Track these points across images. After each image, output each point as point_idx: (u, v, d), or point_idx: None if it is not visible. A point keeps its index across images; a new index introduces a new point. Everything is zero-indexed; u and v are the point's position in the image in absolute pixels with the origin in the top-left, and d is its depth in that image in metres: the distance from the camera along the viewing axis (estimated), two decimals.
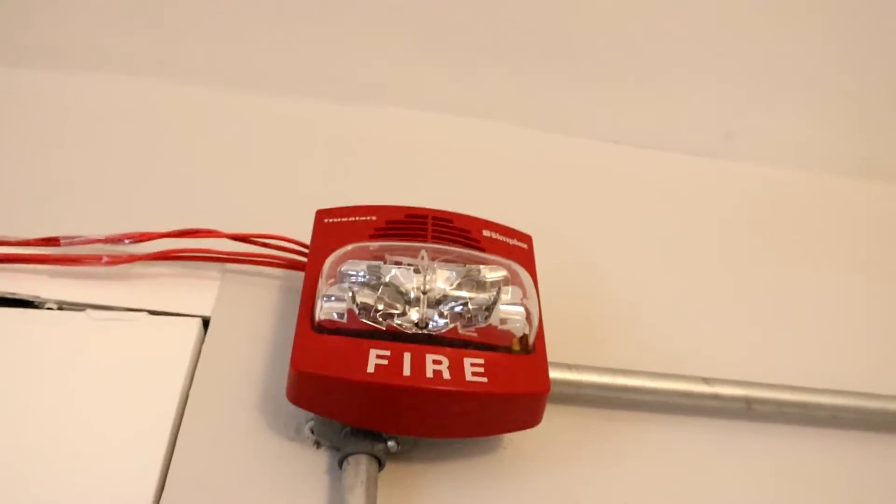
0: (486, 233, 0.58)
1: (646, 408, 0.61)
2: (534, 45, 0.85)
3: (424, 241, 0.55)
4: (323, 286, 0.52)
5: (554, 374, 0.56)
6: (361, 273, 0.52)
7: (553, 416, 0.55)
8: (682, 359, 0.65)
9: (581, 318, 0.67)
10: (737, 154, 0.88)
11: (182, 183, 0.72)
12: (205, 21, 0.83)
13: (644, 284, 0.73)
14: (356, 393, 0.49)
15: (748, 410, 0.61)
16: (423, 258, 0.53)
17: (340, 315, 0.51)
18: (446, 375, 0.49)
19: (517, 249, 0.58)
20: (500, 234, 0.59)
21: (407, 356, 0.49)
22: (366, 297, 0.51)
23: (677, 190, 0.84)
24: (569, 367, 0.59)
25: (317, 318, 0.51)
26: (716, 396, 0.61)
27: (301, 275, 0.58)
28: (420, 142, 0.82)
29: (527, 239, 0.60)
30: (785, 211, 0.85)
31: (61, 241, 0.61)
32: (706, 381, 0.61)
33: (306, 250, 0.60)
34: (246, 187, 0.73)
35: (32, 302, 0.60)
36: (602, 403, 0.60)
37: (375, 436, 0.52)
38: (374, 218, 0.57)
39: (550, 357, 0.55)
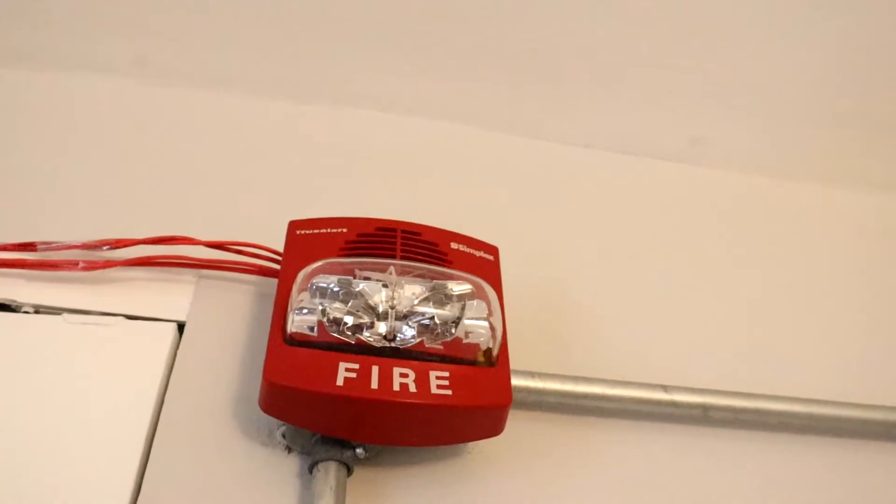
0: (453, 245, 0.60)
1: (607, 414, 0.63)
2: (504, 51, 0.86)
3: (393, 257, 0.57)
4: (294, 299, 0.54)
5: (518, 381, 0.58)
6: (332, 286, 0.54)
7: (517, 422, 0.58)
8: (644, 365, 0.67)
9: (547, 324, 0.69)
10: (702, 159, 0.90)
11: (158, 187, 0.73)
12: (184, 23, 0.83)
13: (609, 289, 0.75)
14: (326, 405, 0.51)
15: (705, 417, 0.64)
16: (391, 273, 0.55)
17: (311, 328, 0.53)
18: (412, 388, 0.51)
19: (483, 262, 0.60)
20: (468, 247, 0.61)
21: (375, 369, 0.51)
22: (336, 310, 0.53)
23: (645, 194, 0.86)
24: (531, 374, 0.61)
25: (288, 331, 0.53)
26: (674, 403, 0.63)
27: (274, 281, 0.60)
28: (390, 145, 0.83)
29: (493, 250, 0.62)
30: (749, 216, 0.87)
31: (38, 247, 0.62)
32: (664, 388, 0.63)
33: (279, 257, 0.62)
34: (219, 192, 0.74)
35: (9, 305, 0.61)
36: (564, 410, 0.62)
37: (344, 443, 0.54)
38: (345, 230, 0.59)
39: (516, 364, 0.57)
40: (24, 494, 0.52)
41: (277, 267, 0.62)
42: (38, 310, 0.62)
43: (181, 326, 0.63)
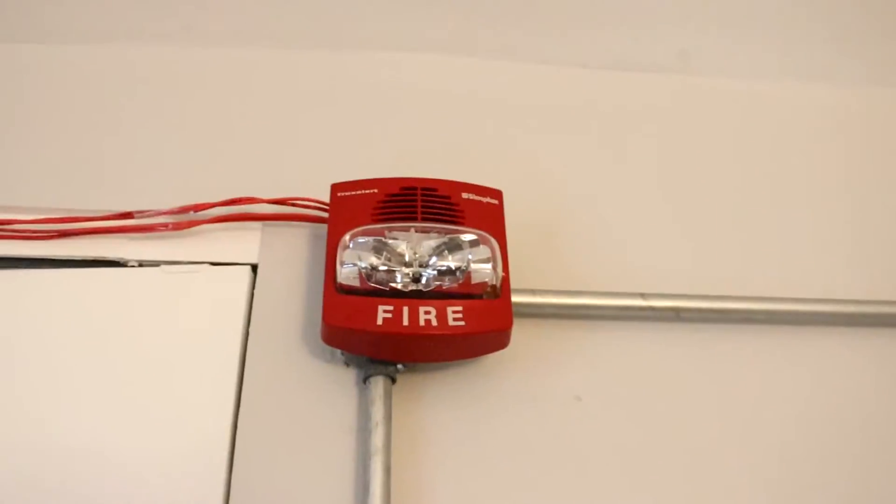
0: (464, 195, 0.75)
1: (595, 318, 0.78)
2: None
3: (415, 215, 0.72)
4: (340, 256, 0.70)
5: (521, 298, 0.74)
6: (369, 244, 0.70)
7: (522, 328, 0.73)
8: (631, 274, 0.82)
9: (547, 242, 0.83)
10: (689, 69, 1.00)
11: (223, 151, 0.87)
12: None
13: (602, 206, 0.88)
14: (370, 338, 0.68)
15: (677, 317, 0.79)
16: (412, 231, 0.70)
17: (355, 278, 0.69)
18: (434, 323, 0.67)
19: (489, 206, 0.75)
20: (476, 195, 0.75)
21: (405, 309, 0.67)
22: (372, 262, 0.69)
23: (634, 108, 0.97)
24: (533, 292, 0.76)
25: (338, 281, 0.69)
26: (651, 308, 0.78)
27: (323, 226, 0.75)
28: (388, 82, 0.94)
29: (497, 195, 0.76)
30: (730, 121, 0.97)
31: (135, 215, 0.78)
32: (643, 296, 0.78)
33: (323, 205, 0.77)
34: (264, 151, 0.88)
35: (118, 262, 0.78)
36: (560, 317, 0.77)
37: (388, 362, 0.70)
38: (375, 191, 0.74)
39: (521, 279, 0.72)
40: (142, 411, 0.69)
41: (324, 214, 0.77)
42: (141, 263, 0.78)
43: (254, 268, 0.78)
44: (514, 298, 0.72)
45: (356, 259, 0.69)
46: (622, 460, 0.72)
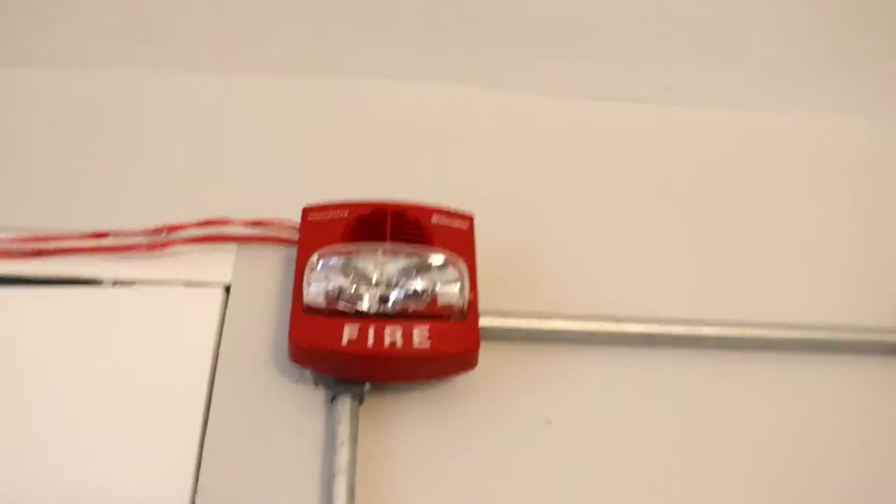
0: (434, 219, 0.75)
1: (567, 342, 0.78)
2: (480, 9, 0.97)
3: (384, 237, 0.72)
4: (308, 277, 0.70)
5: (491, 322, 0.74)
6: (337, 265, 0.70)
7: (492, 352, 0.73)
8: (604, 298, 0.82)
9: (520, 265, 0.83)
10: (672, 100, 1.01)
11: (199, 173, 0.88)
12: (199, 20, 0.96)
13: (576, 230, 0.88)
14: (336, 358, 0.68)
15: (650, 342, 0.79)
16: (380, 253, 0.70)
17: (321, 299, 0.69)
18: (399, 344, 0.67)
19: (459, 231, 0.75)
20: (446, 219, 0.75)
21: (371, 330, 0.68)
22: (339, 283, 0.70)
23: (614, 137, 0.98)
24: (504, 314, 0.76)
25: (305, 302, 0.70)
26: (622, 333, 0.78)
27: (295, 249, 0.76)
28: (375, 112, 0.95)
29: (468, 219, 0.77)
30: (709, 150, 0.98)
31: (109, 235, 0.79)
32: (616, 320, 0.78)
33: (297, 228, 0.77)
34: (233, 172, 0.89)
35: (93, 281, 0.78)
36: (531, 340, 0.77)
37: (356, 382, 0.70)
38: (346, 214, 0.74)
39: (492, 301, 0.72)
40: (109, 429, 0.69)
41: (297, 237, 0.77)
42: (115, 283, 0.78)
43: (227, 288, 0.79)
44: (485, 321, 0.72)
45: (323, 280, 0.70)
46: (592, 485, 0.71)
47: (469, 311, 0.70)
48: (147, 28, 0.99)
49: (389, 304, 0.70)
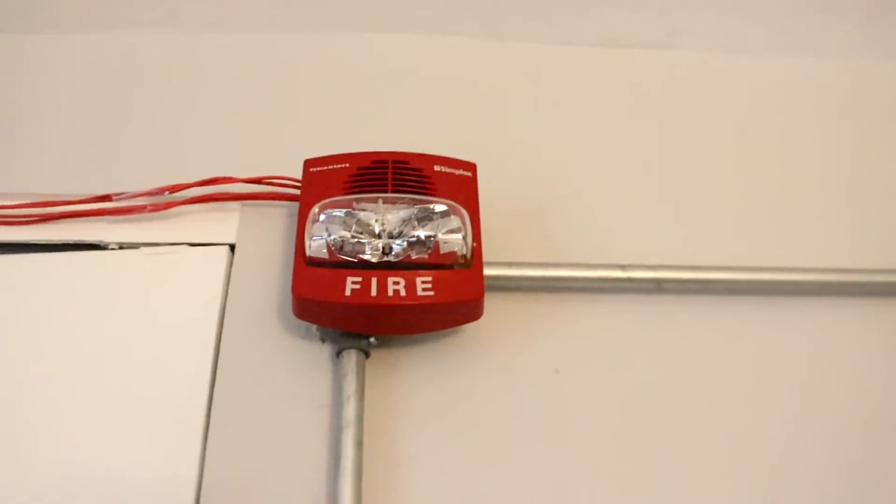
0: (436, 168, 0.74)
1: (574, 291, 0.77)
2: None
3: (386, 187, 0.71)
4: (309, 229, 0.69)
5: (497, 271, 0.73)
6: (338, 216, 0.70)
7: (499, 303, 0.73)
8: (611, 245, 0.81)
9: (527, 215, 0.82)
10: (677, 45, 0.99)
11: (201, 132, 0.88)
12: None
13: (585, 179, 0.87)
14: (339, 310, 0.67)
15: (658, 288, 0.78)
16: (380, 203, 0.70)
17: (324, 251, 0.69)
18: (402, 293, 0.66)
19: (462, 179, 0.74)
20: (449, 167, 0.75)
21: (374, 280, 0.67)
22: (341, 235, 0.69)
23: (620, 83, 0.96)
24: (509, 264, 0.75)
25: (307, 254, 0.69)
26: (630, 279, 0.77)
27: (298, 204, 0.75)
28: (375, 64, 0.94)
29: (471, 167, 0.76)
30: (712, 94, 0.97)
31: (113, 198, 0.79)
32: (622, 267, 0.77)
33: (299, 183, 0.77)
34: (236, 130, 0.88)
35: (98, 245, 0.78)
36: (537, 290, 0.76)
37: (360, 335, 0.70)
38: (347, 165, 0.74)
39: (498, 253, 0.72)
40: (121, 389, 0.70)
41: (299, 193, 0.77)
42: (121, 246, 0.79)
43: (232, 247, 0.79)
44: (491, 271, 0.71)
45: (325, 231, 0.69)
46: (600, 433, 0.71)
47: (473, 259, 0.70)
48: None
49: (392, 253, 0.69)
